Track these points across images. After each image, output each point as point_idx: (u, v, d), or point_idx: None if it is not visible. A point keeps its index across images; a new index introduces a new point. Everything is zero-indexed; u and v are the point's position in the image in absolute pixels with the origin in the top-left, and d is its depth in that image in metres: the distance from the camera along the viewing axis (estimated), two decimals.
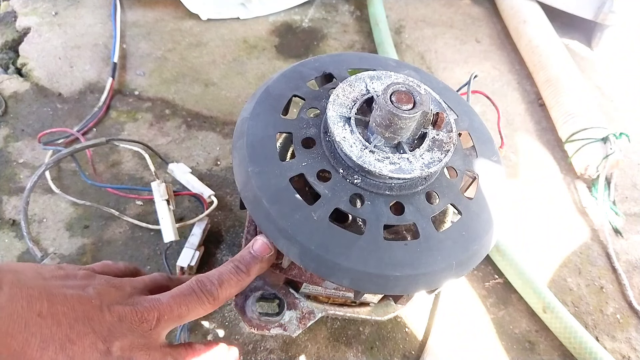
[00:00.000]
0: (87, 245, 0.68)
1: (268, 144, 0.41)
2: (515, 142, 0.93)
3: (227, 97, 0.92)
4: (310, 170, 0.40)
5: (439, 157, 0.41)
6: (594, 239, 0.80)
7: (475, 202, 0.43)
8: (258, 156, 0.40)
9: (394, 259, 0.38)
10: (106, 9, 1.03)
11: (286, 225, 0.37)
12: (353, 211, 0.39)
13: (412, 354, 0.64)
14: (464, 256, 0.40)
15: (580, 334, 0.64)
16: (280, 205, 0.38)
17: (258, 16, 1.10)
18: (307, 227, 0.37)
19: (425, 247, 0.39)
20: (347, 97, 0.43)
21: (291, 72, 0.48)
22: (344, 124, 0.41)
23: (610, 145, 0.82)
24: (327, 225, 0.38)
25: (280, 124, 0.43)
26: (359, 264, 0.37)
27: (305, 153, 0.41)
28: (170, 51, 0.99)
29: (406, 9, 1.20)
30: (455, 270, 0.40)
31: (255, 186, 0.39)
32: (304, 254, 0.37)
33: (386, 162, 0.39)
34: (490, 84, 1.04)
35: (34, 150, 0.78)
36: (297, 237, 0.37)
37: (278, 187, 0.39)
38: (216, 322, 0.63)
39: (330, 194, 0.39)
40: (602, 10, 1.08)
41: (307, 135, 0.42)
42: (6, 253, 0.67)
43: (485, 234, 0.42)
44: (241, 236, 0.72)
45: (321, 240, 0.37)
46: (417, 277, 0.38)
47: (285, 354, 0.62)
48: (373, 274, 0.37)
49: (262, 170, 0.39)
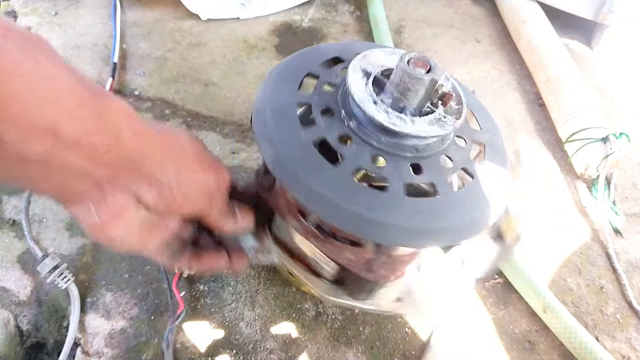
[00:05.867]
0: (87, 245, 0.68)
1: (290, 111, 0.44)
2: (515, 142, 0.93)
3: (227, 97, 0.92)
4: (331, 135, 0.42)
5: (452, 122, 0.44)
6: (594, 239, 0.80)
7: (484, 169, 0.46)
8: (281, 122, 0.43)
9: (415, 213, 0.40)
10: (106, 9, 1.03)
11: (314, 183, 0.39)
12: (375, 170, 0.41)
13: (412, 354, 0.64)
14: (477, 214, 0.43)
15: (580, 334, 0.64)
16: (306, 166, 0.40)
17: (258, 16, 1.10)
18: (333, 184, 0.40)
19: (444, 204, 0.41)
20: (363, 68, 0.45)
21: (302, 55, 0.51)
22: (363, 88, 0.43)
23: (610, 145, 0.82)
24: (351, 182, 0.40)
25: (298, 96, 0.46)
26: (382, 217, 0.39)
27: (325, 120, 0.43)
28: (170, 51, 0.99)
29: (406, 9, 1.20)
30: (471, 228, 0.42)
31: (279, 150, 0.41)
32: (332, 209, 0.39)
33: (406, 123, 0.42)
34: (490, 84, 1.04)
35: None
36: (326, 194, 0.39)
37: (302, 150, 0.41)
38: (216, 322, 0.63)
39: (352, 156, 0.41)
40: (602, 10, 1.08)
41: (326, 105, 0.45)
42: (6, 253, 0.67)
43: (492, 198, 0.45)
44: None
45: (347, 196, 0.39)
46: (436, 231, 0.41)
47: (285, 354, 0.62)
48: (396, 225, 0.39)
49: (285, 136, 0.42)
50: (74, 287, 0.62)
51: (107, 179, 0.31)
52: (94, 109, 0.28)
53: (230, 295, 0.66)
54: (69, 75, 0.27)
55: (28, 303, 0.63)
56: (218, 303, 0.65)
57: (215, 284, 0.66)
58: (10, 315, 0.62)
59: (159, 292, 0.65)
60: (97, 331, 0.61)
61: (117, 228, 0.34)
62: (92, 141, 0.28)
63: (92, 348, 0.60)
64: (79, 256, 0.67)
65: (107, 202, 0.32)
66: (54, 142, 0.27)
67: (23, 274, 0.65)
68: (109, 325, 0.62)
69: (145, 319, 0.63)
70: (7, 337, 0.60)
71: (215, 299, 0.65)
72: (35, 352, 0.63)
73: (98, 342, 0.60)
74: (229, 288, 0.66)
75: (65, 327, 0.61)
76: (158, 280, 0.66)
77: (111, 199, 0.32)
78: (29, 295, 0.64)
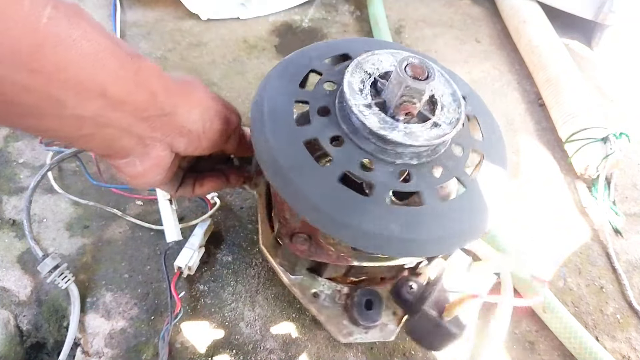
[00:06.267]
0: (87, 245, 0.68)
1: (285, 110, 0.44)
2: (515, 142, 0.93)
3: (227, 97, 0.92)
4: (323, 135, 0.42)
5: (456, 110, 0.43)
6: (594, 239, 0.80)
7: (479, 180, 0.45)
8: (276, 121, 0.43)
9: (397, 222, 0.39)
10: (106, 9, 1.03)
11: (300, 183, 0.40)
12: (362, 175, 0.41)
13: (412, 354, 0.64)
14: (466, 226, 0.42)
15: (580, 334, 0.64)
16: (295, 166, 0.41)
17: (258, 16, 1.10)
18: (319, 187, 0.40)
19: (428, 214, 0.41)
20: (364, 69, 0.45)
21: (309, 50, 0.51)
22: (359, 91, 0.43)
23: (610, 145, 0.82)
24: (336, 186, 0.40)
25: (298, 93, 0.46)
26: (364, 224, 0.39)
27: (320, 120, 0.43)
28: (170, 51, 0.99)
29: (406, 9, 1.20)
30: (456, 240, 0.42)
31: (272, 148, 0.41)
32: (314, 210, 0.40)
33: (419, 132, 0.41)
34: (490, 84, 1.04)
35: (34, 150, 0.78)
36: (310, 196, 0.39)
37: (293, 149, 0.41)
38: (216, 322, 0.63)
39: (341, 158, 0.41)
40: (602, 10, 1.08)
41: (323, 104, 0.45)
42: (6, 253, 0.67)
43: (485, 210, 0.44)
44: (241, 236, 0.72)
45: (330, 200, 0.39)
46: (417, 242, 0.40)
47: (285, 354, 0.62)
48: (375, 233, 0.39)
49: (280, 134, 0.42)
50: (74, 287, 0.62)
51: (148, 134, 0.36)
52: (131, 68, 0.32)
53: (230, 295, 0.66)
54: (108, 40, 0.30)
55: (28, 303, 0.63)
56: (218, 303, 0.65)
57: (215, 284, 0.66)
58: (10, 315, 0.62)
59: (159, 292, 0.65)
60: (97, 331, 0.61)
61: (154, 174, 0.40)
62: (134, 100, 0.33)
63: (92, 348, 0.60)
64: (79, 256, 0.67)
65: (149, 155, 0.37)
66: (104, 102, 0.31)
67: (23, 274, 0.65)
68: (109, 325, 0.62)
69: (145, 319, 0.63)
70: (7, 337, 0.60)
71: (215, 299, 0.65)
72: (35, 352, 0.63)
73: (98, 342, 0.60)
74: (229, 288, 0.66)
75: (65, 327, 0.61)
76: (158, 280, 0.66)
77: (153, 151, 0.37)
78: (29, 295, 0.64)
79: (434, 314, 0.48)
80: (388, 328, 0.55)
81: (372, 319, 0.53)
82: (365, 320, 0.53)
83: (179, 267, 0.62)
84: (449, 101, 0.45)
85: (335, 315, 0.55)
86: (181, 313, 0.61)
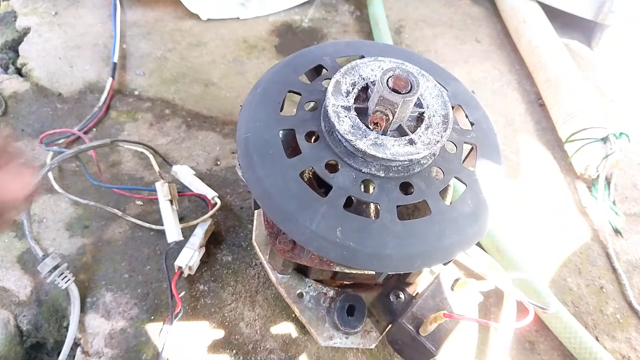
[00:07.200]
0: (87, 245, 0.68)
1: (273, 143, 0.42)
2: (515, 142, 0.93)
3: (227, 97, 0.92)
4: (318, 163, 0.42)
5: (440, 133, 0.43)
6: (594, 239, 0.80)
7: (477, 173, 0.45)
8: (266, 158, 0.42)
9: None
10: (106, 9, 1.03)
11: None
12: (365, 197, 0.41)
13: None
14: (475, 226, 0.42)
15: (580, 334, 0.64)
16: (295, 202, 0.40)
17: (258, 16, 1.10)
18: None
19: (438, 221, 0.41)
20: (343, 85, 0.44)
21: (283, 67, 0.49)
22: (345, 113, 0.42)
23: (610, 145, 0.82)
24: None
25: (281, 121, 0.44)
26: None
27: (310, 147, 0.43)
28: (170, 51, 0.99)
29: (406, 9, 1.20)
30: (467, 240, 0.42)
31: (268, 187, 0.40)
32: (266, 198, 0.39)
33: (390, 145, 0.41)
34: (490, 84, 1.04)
35: (34, 151, 0.78)
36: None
37: (289, 185, 0.40)
38: (216, 322, 0.63)
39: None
40: (602, 10, 1.09)
41: (310, 129, 0.44)
42: (6, 253, 0.67)
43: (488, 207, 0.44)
44: (241, 236, 0.72)
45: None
46: (435, 251, 0.40)
47: (285, 354, 0.62)
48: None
49: (272, 172, 0.41)
50: (74, 287, 0.62)
51: None
52: None
53: (230, 295, 0.66)
54: None
55: (28, 303, 0.63)
56: (218, 303, 0.65)
57: (215, 284, 0.66)
58: (10, 315, 0.62)
59: (159, 292, 0.65)
60: (97, 331, 0.61)
61: None
62: None
63: (92, 348, 0.60)
64: (79, 256, 0.67)
65: None
66: None
67: (23, 274, 0.65)
68: (109, 325, 0.62)
69: (145, 319, 0.63)
70: (7, 337, 0.60)
71: (215, 299, 0.65)
72: (35, 352, 0.63)
73: (98, 342, 0.60)
74: (228, 288, 0.66)
75: (65, 327, 0.61)
76: (158, 280, 0.66)
77: None
78: (29, 295, 0.64)
79: (410, 328, 0.48)
80: (371, 335, 0.55)
81: (352, 326, 0.53)
82: (345, 326, 0.53)
83: (180, 267, 0.62)
84: (437, 122, 0.44)
85: (318, 318, 0.55)
86: (181, 313, 0.61)
